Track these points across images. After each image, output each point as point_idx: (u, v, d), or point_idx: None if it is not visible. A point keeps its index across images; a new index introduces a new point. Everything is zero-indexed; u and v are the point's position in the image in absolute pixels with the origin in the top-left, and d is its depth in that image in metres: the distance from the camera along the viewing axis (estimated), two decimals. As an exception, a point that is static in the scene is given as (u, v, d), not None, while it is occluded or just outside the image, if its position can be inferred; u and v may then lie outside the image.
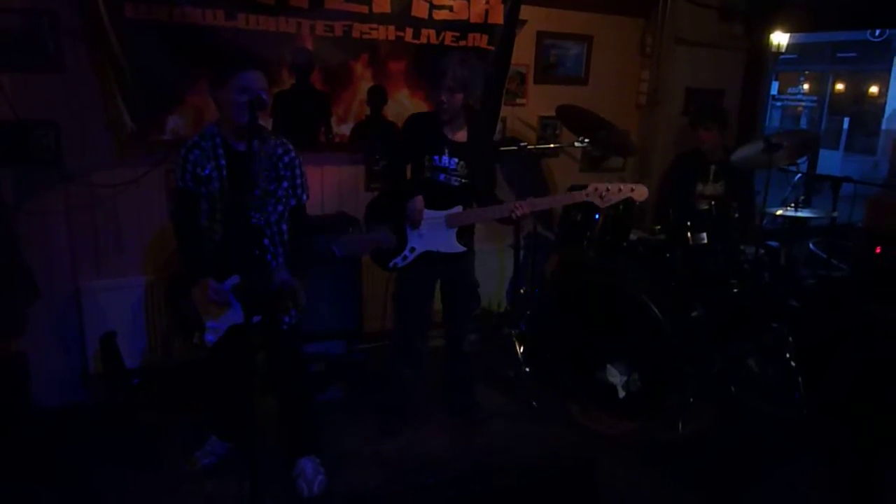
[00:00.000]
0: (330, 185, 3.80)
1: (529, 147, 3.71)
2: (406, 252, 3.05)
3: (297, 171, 2.67)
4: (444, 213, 3.04)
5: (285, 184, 2.63)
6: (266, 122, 3.26)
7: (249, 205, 2.50)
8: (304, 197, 2.72)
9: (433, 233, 3.05)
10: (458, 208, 3.05)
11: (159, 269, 3.45)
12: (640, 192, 3.00)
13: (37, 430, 3.13)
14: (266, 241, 2.61)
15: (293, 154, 2.65)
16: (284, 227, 2.67)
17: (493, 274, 4.52)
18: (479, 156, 3.12)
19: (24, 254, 3.13)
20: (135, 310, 3.41)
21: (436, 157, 3.03)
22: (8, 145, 3.04)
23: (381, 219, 3.06)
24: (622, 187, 2.98)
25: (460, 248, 3.10)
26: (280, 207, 2.63)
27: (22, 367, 3.18)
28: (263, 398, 3.09)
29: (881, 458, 2.95)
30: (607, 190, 2.97)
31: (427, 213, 3.01)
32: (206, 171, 2.52)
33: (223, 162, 2.54)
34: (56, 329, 3.32)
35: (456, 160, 3.05)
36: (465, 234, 3.14)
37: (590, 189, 3.00)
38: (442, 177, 3.05)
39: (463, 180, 3.08)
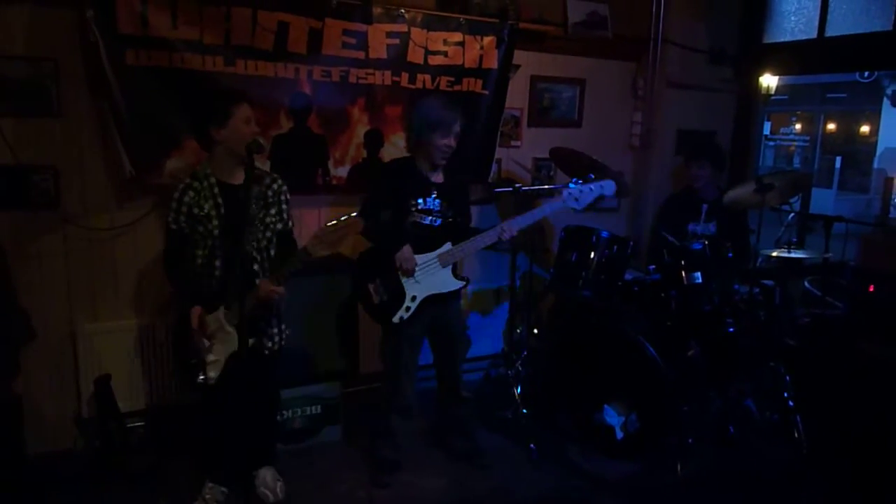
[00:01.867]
0: (327, 227, 3.82)
1: (524, 188, 3.74)
2: (408, 303, 3.05)
3: (283, 198, 2.81)
4: (435, 253, 3.07)
5: (273, 210, 2.75)
6: (264, 165, 3.31)
7: (247, 236, 2.60)
8: (290, 223, 2.85)
9: (429, 276, 3.07)
10: (448, 245, 3.08)
11: (156, 313, 3.45)
12: (609, 186, 3.18)
13: (29, 475, 3.08)
14: (256, 267, 2.71)
15: (280, 182, 2.81)
16: (272, 251, 2.79)
17: (489, 314, 4.52)
18: (457, 193, 3.22)
19: (20, 296, 3.14)
20: (130, 353, 3.40)
21: (420, 200, 3.07)
22: (7, 189, 3.08)
23: (372, 274, 3.09)
24: (592, 186, 3.15)
25: (460, 283, 3.13)
26: (268, 234, 2.75)
27: (16, 410, 3.15)
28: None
29: (880, 497, 2.92)
30: (581, 192, 3.14)
31: (418, 257, 3.03)
32: (206, 210, 2.61)
33: (220, 200, 2.63)
34: (51, 372, 3.30)
35: (439, 201, 3.11)
36: (456, 269, 3.17)
37: (564, 195, 3.14)
38: (427, 219, 3.09)
39: (447, 219, 3.12)
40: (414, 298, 3.05)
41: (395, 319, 3.05)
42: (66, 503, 2.95)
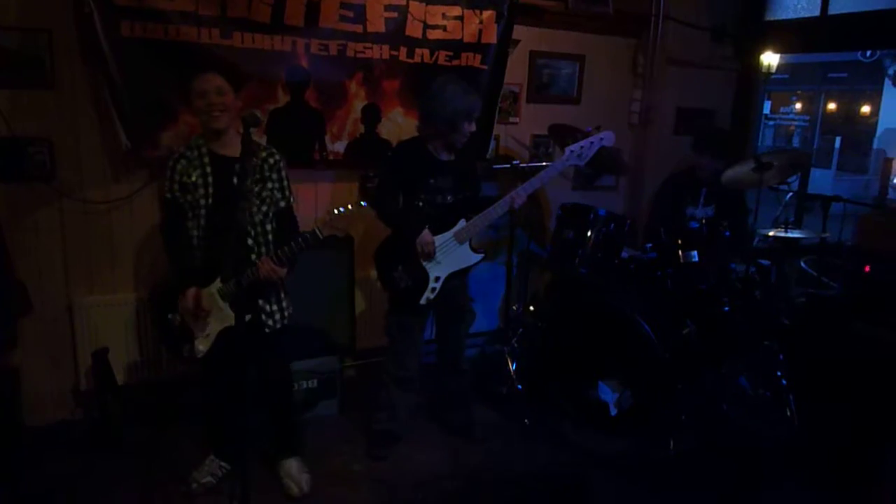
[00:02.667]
0: (324, 202, 3.82)
1: (522, 165, 3.73)
2: (432, 284, 3.08)
3: (283, 174, 2.76)
4: (451, 231, 3.08)
5: (269, 185, 2.71)
6: (261, 140, 3.29)
7: (239, 209, 2.53)
8: (291, 199, 2.80)
9: (449, 255, 3.09)
10: (462, 222, 3.10)
11: (152, 286, 3.45)
12: (610, 138, 3.19)
13: (27, 448, 3.11)
14: (250, 241, 2.67)
15: (278, 157, 2.75)
16: (269, 227, 2.73)
17: (486, 291, 4.53)
18: (467, 170, 3.22)
19: (16, 268, 3.14)
20: (128, 325, 3.41)
21: (431, 180, 3.06)
22: (2, 161, 3.06)
23: (394, 262, 3.10)
24: (593, 140, 3.16)
25: (479, 256, 3.16)
26: (264, 208, 2.70)
27: (13, 382, 3.17)
28: (254, 411, 3.09)
29: (871, 476, 2.96)
30: (581, 147, 3.14)
31: (436, 239, 3.05)
32: (192, 179, 2.61)
33: (209, 169, 2.61)
34: (48, 345, 3.32)
35: (451, 179, 3.10)
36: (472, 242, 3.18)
37: (567, 153, 3.15)
38: (440, 198, 3.08)
39: (458, 196, 3.13)
40: (437, 279, 3.09)
41: (423, 301, 3.08)
42: (64, 474, 2.97)
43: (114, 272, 3.41)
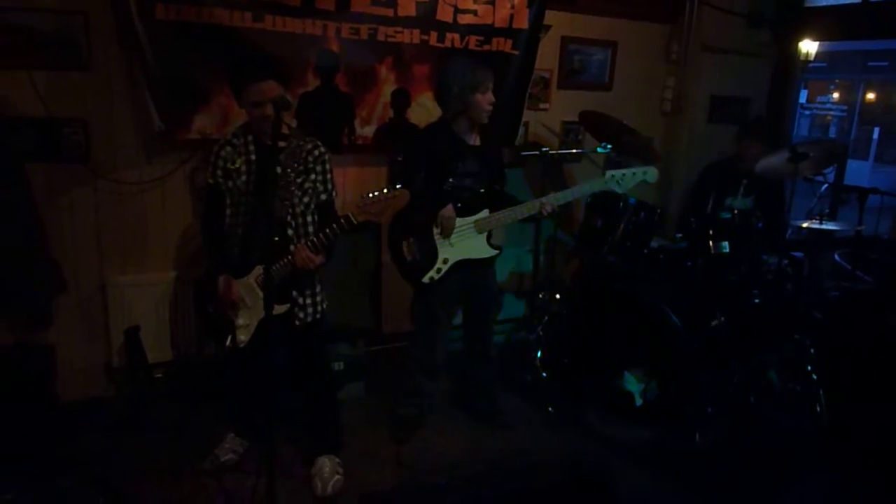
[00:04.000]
0: (352, 187, 3.83)
1: (551, 152, 3.70)
2: (439, 264, 3.04)
3: (327, 167, 2.72)
4: (472, 218, 3.05)
5: (312, 176, 2.68)
6: (291, 123, 3.31)
7: (274, 195, 2.53)
8: (334, 193, 2.77)
9: (464, 241, 3.06)
10: (486, 212, 3.06)
11: (183, 266, 3.51)
12: (652, 174, 3.10)
13: (61, 422, 3.19)
14: (290, 232, 2.64)
15: (323, 150, 2.72)
16: (310, 219, 2.70)
17: (513, 278, 4.53)
18: (494, 156, 3.19)
19: (52, 247, 3.20)
20: (159, 305, 3.47)
21: (459, 164, 3.04)
22: (39, 141, 3.11)
23: (406, 232, 3.08)
24: (636, 171, 3.08)
25: (493, 252, 3.12)
26: (306, 199, 2.67)
27: (48, 359, 3.25)
28: (287, 394, 3.12)
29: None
30: (623, 175, 3.07)
31: (456, 220, 3.02)
32: (237, 165, 2.60)
33: (253, 157, 2.61)
34: (82, 323, 3.39)
35: (477, 163, 3.08)
36: (490, 236, 3.15)
37: (607, 176, 3.07)
38: (467, 181, 3.06)
39: (484, 184, 3.10)
40: (446, 261, 3.05)
41: (425, 280, 3.05)
42: (98, 448, 3.04)
43: (146, 252, 3.46)
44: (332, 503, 2.78)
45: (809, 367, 3.47)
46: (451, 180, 3.04)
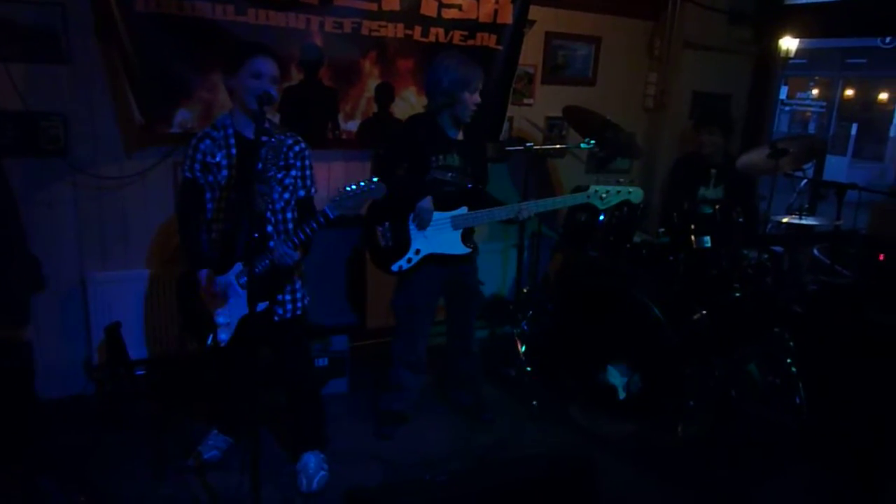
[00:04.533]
0: (336, 182, 3.81)
1: (536, 147, 3.71)
2: (410, 254, 3.04)
3: (307, 163, 2.69)
4: (450, 214, 3.05)
5: (293, 172, 2.65)
6: (274, 118, 3.28)
7: (254, 192, 2.49)
8: (313, 189, 2.74)
9: (438, 235, 3.05)
10: (464, 209, 3.06)
11: (165, 262, 3.47)
12: (637, 195, 3.09)
13: (40, 420, 3.15)
14: (269, 228, 2.62)
15: (303, 145, 2.68)
16: (290, 215, 2.68)
17: (497, 273, 4.53)
18: (476, 152, 3.19)
19: (31, 243, 3.16)
20: (139, 302, 3.44)
21: (441, 157, 3.04)
22: (17, 135, 3.06)
23: (381, 218, 3.06)
24: (620, 190, 3.07)
25: (466, 250, 3.11)
26: (286, 195, 2.64)
27: (26, 356, 3.20)
28: (270, 391, 3.11)
29: (881, 465, 2.95)
30: (607, 192, 3.06)
31: (434, 213, 3.01)
32: (217, 159, 2.56)
33: (234, 151, 2.57)
34: (61, 319, 3.35)
35: (459, 158, 3.08)
36: (469, 235, 3.15)
37: (590, 191, 3.06)
38: (448, 175, 3.06)
39: (465, 179, 3.10)
40: (418, 252, 3.04)
41: (394, 268, 3.04)
42: (77, 446, 3.01)
43: (127, 248, 3.43)
44: (318, 499, 2.77)
45: (789, 361, 3.51)
46: (431, 173, 3.04)
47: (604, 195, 3.06)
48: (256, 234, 2.53)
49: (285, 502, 2.75)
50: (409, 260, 3.04)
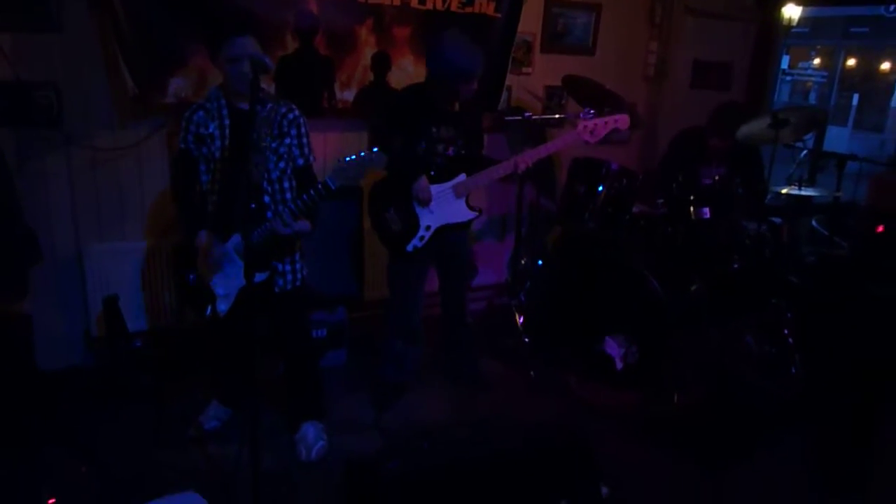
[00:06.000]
0: (333, 152, 3.77)
1: (534, 117, 3.68)
2: (422, 232, 3.05)
3: (302, 130, 2.66)
4: (450, 183, 3.04)
5: (287, 140, 2.62)
6: (269, 87, 3.24)
7: (249, 161, 2.47)
8: (311, 157, 2.71)
9: (443, 206, 3.05)
10: (462, 176, 3.05)
11: (161, 234, 3.46)
12: (623, 121, 3.12)
13: (40, 392, 3.16)
14: (266, 198, 2.60)
15: (297, 113, 2.65)
16: (287, 184, 2.66)
17: (495, 244, 4.53)
18: (471, 122, 3.17)
19: (27, 216, 3.13)
20: (137, 274, 3.43)
21: (434, 129, 3.01)
22: (9, 106, 3.02)
23: (386, 204, 3.06)
24: (607, 120, 3.09)
25: (473, 214, 3.12)
26: (282, 164, 2.62)
27: (25, 329, 3.20)
28: (270, 361, 3.12)
29: (873, 433, 2.98)
30: (595, 125, 3.08)
31: (433, 188, 3.01)
32: (210, 130, 2.54)
33: (227, 122, 2.55)
34: (59, 292, 3.35)
35: (454, 128, 3.06)
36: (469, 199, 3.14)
37: (580, 128, 3.09)
38: (441, 147, 3.04)
39: (460, 149, 3.08)
40: (428, 228, 3.05)
41: (409, 248, 3.06)
42: (78, 418, 3.03)
43: (123, 220, 3.41)
44: (316, 469, 2.80)
45: (786, 331, 3.53)
46: (425, 144, 3.01)
47: (592, 129, 3.08)
48: (253, 205, 2.53)
49: (285, 472, 2.78)
50: (422, 238, 3.05)
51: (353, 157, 2.40)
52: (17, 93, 3.02)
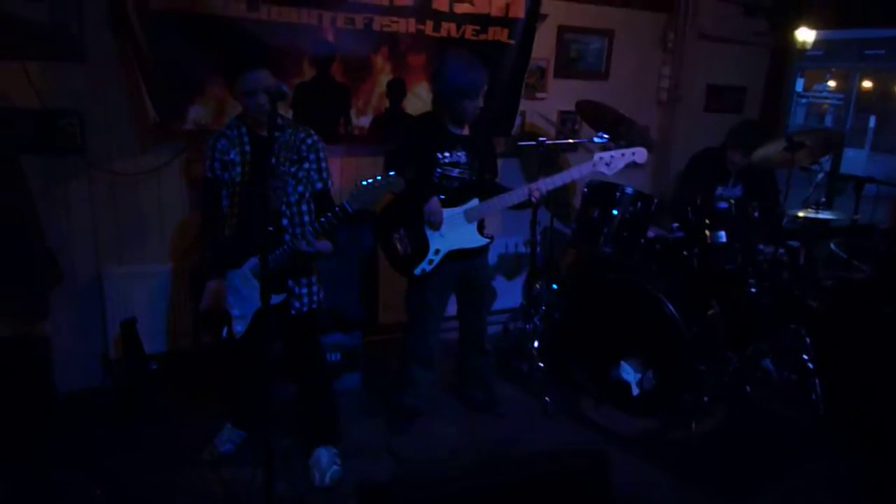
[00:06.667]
0: (348, 178, 3.82)
1: (548, 142, 3.69)
2: (431, 255, 3.04)
3: (321, 155, 2.70)
4: (462, 208, 3.05)
5: (306, 165, 2.66)
6: (286, 114, 3.29)
7: (268, 185, 2.51)
8: (329, 182, 2.75)
9: (454, 231, 3.05)
10: (475, 201, 3.06)
11: (179, 258, 3.50)
12: (641, 154, 3.14)
13: (58, 414, 3.19)
14: (285, 222, 2.64)
15: (316, 138, 2.70)
16: (305, 207, 2.69)
17: (510, 268, 4.53)
18: (483, 146, 3.18)
19: (48, 239, 3.19)
20: (155, 297, 3.47)
21: (447, 154, 3.04)
22: (34, 133, 3.10)
23: (396, 225, 3.08)
24: (624, 153, 3.12)
25: (484, 241, 3.12)
26: (300, 188, 2.66)
27: (44, 350, 3.24)
28: (283, 385, 3.12)
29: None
30: (612, 157, 3.11)
31: (444, 211, 3.02)
32: (231, 156, 2.59)
33: (248, 148, 2.60)
34: (78, 314, 3.39)
35: (466, 154, 3.08)
36: (482, 226, 3.15)
37: (595, 158, 3.10)
38: (455, 171, 3.06)
39: (473, 174, 3.10)
40: (437, 252, 3.05)
41: (417, 272, 3.05)
42: (94, 439, 3.05)
43: (142, 243, 3.46)
44: (330, 494, 2.79)
45: (805, 357, 3.49)
46: (438, 170, 3.03)
47: (609, 161, 3.10)
48: (271, 228, 2.55)
49: (298, 496, 2.76)
50: (431, 261, 3.05)
51: (371, 181, 2.43)
52: (43, 120, 3.10)
